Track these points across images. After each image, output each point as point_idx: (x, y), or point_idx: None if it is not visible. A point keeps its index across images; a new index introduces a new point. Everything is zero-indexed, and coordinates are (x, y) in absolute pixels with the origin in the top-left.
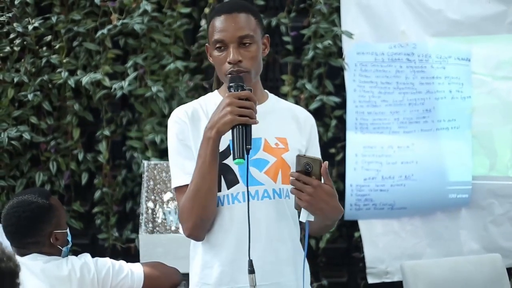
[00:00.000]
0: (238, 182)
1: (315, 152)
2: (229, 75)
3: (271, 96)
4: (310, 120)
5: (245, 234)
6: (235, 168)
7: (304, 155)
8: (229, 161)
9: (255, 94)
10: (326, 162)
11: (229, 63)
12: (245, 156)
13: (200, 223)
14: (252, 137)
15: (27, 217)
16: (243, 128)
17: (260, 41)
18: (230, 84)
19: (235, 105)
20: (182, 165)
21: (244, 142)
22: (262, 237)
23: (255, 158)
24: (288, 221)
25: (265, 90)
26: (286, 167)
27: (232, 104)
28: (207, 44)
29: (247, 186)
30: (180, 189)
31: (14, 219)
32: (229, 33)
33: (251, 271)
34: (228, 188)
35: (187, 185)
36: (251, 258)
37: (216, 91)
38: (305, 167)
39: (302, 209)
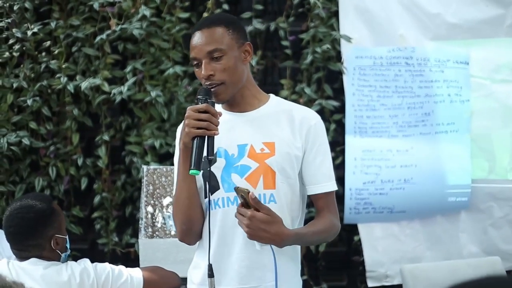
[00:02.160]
0: (219, 188)
1: (316, 154)
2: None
3: (272, 100)
4: (309, 121)
5: (226, 238)
6: (218, 174)
7: (238, 187)
8: (213, 168)
9: (244, 101)
10: (252, 192)
11: (202, 78)
12: (201, 166)
13: (184, 228)
14: (240, 143)
15: (30, 218)
16: (201, 139)
17: (236, 50)
18: (197, 97)
19: (192, 118)
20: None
21: (202, 154)
22: (240, 242)
23: (239, 164)
24: None
25: (270, 94)
26: (269, 172)
27: (189, 117)
28: None
29: (209, 197)
30: None
31: (17, 220)
32: (197, 49)
33: (211, 275)
34: (212, 193)
35: None
36: (210, 263)
37: None
38: (243, 199)
39: None
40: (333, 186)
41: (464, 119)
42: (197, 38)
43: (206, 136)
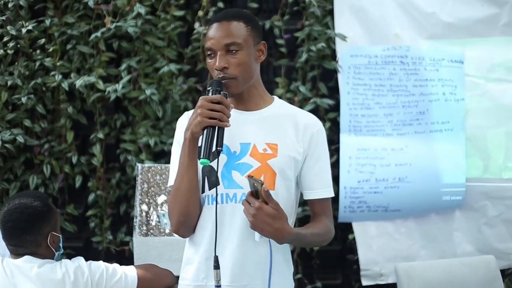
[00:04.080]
0: (219, 184)
1: (316, 159)
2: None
3: (277, 102)
4: (313, 127)
5: (220, 235)
6: (220, 170)
7: (252, 176)
8: (214, 163)
9: (251, 99)
10: (266, 185)
11: (216, 69)
12: (211, 157)
13: (182, 220)
14: (243, 142)
15: (30, 214)
16: (213, 130)
17: (252, 48)
18: (208, 88)
19: (205, 108)
20: (175, 166)
21: (213, 144)
22: (235, 239)
23: (240, 162)
24: None
25: (274, 96)
26: (269, 173)
27: (202, 106)
28: None
29: (216, 188)
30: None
31: (16, 214)
32: (215, 41)
33: (216, 266)
34: (210, 189)
35: None
36: (216, 255)
37: None
38: (254, 189)
39: None
40: (330, 193)
41: (458, 118)
42: (216, 29)
43: (217, 127)
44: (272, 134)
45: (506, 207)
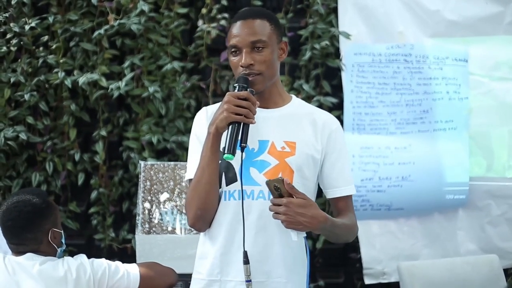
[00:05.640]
0: (236, 180)
1: (337, 158)
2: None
3: (295, 100)
4: (331, 125)
5: (236, 230)
6: (237, 167)
7: (269, 180)
8: (235, 160)
9: (271, 98)
10: (286, 178)
11: (241, 66)
12: (236, 152)
13: (199, 213)
14: (261, 139)
15: (29, 211)
16: (238, 126)
17: (276, 46)
18: (234, 84)
19: (232, 104)
20: (194, 159)
21: (238, 140)
22: (251, 235)
23: (258, 159)
24: (280, 224)
25: (292, 95)
26: (288, 171)
27: (229, 102)
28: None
29: (241, 182)
30: (190, 182)
31: (15, 213)
32: (241, 38)
33: (246, 261)
34: (227, 185)
35: None
36: (245, 250)
37: None
38: (276, 190)
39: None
40: (353, 190)
41: (462, 117)
42: (241, 27)
43: (242, 124)
44: (290, 132)
45: (510, 206)
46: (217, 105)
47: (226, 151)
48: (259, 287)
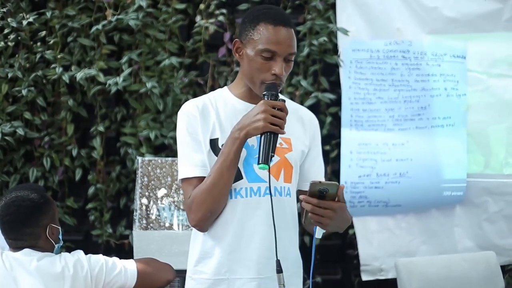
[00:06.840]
0: (241, 178)
1: (318, 152)
2: (265, 84)
3: (280, 98)
4: (314, 121)
5: (244, 228)
6: (241, 164)
7: (320, 181)
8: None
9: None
10: (343, 185)
11: (274, 74)
12: (269, 162)
13: (209, 215)
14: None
15: (27, 206)
16: (271, 135)
17: None
18: (265, 92)
19: (269, 113)
20: (191, 157)
21: (270, 150)
22: (260, 232)
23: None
24: (286, 219)
25: None
26: (288, 167)
27: (266, 111)
28: (237, 39)
29: (270, 187)
30: (187, 181)
31: (13, 208)
32: (283, 47)
33: (279, 270)
34: (233, 183)
35: (195, 177)
36: (278, 258)
37: (226, 87)
38: (320, 192)
39: (317, 227)
40: None
41: (460, 114)
42: (284, 35)
43: (274, 133)
44: (285, 128)
45: (507, 203)
46: (205, 98)
47: (260, 161)
48: (268, 282)
